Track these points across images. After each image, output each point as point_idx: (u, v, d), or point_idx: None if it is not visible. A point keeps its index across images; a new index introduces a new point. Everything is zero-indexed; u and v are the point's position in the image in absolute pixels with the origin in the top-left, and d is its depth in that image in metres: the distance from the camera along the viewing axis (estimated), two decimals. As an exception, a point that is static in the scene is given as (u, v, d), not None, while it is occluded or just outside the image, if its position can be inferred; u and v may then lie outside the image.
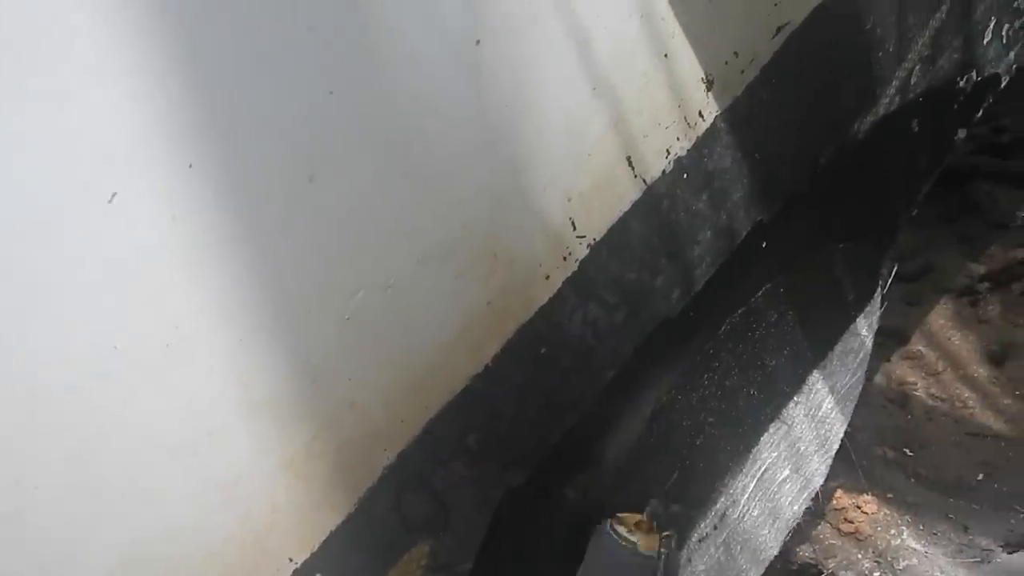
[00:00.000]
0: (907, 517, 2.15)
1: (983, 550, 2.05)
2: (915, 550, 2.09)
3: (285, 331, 0.94)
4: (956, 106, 1.93)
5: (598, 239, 1.20)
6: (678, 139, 1.25)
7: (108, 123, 0.79)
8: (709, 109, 1.28)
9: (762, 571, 1.96)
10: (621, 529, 1.39)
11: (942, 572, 2.01)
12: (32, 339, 0.80)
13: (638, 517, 1.40)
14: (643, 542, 1.37)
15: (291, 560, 1.04)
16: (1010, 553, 2.02)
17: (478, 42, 1.02)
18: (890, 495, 2.24)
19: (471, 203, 1.05)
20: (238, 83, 0.86)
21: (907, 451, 2.42)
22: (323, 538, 1.06)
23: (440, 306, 1.07)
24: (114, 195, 0.81)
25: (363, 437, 1.05)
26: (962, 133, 2.02)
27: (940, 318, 2.93)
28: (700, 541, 1.75)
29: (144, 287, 0.85)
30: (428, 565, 1.18)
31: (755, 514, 1.88)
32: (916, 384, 2.69)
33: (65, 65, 0.76)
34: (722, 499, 1.77)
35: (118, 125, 0.79)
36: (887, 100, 1.66)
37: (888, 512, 2.20)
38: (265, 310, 0.92)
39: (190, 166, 0.84)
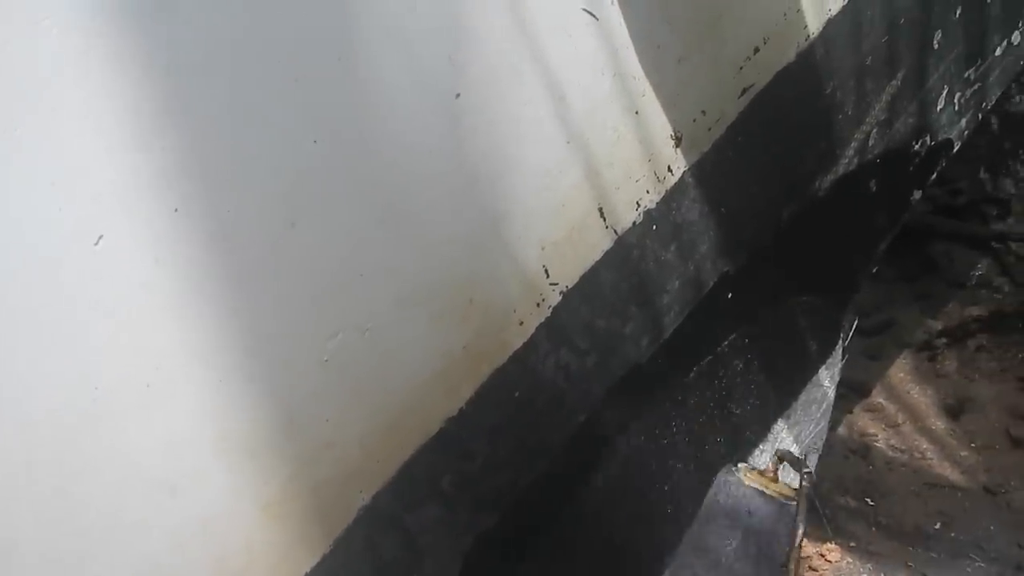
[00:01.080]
0: (868, 565, 2.18)
1: (941, 598, 2.08)
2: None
3: (265, 372, 0.96)
4: (912, 168, 2.02)
5: (570, 286, 1.24)
6: (648, 192, 1.31)
7: (100, 169, 0.81)
8: (678, 164, 1.34)
9: (730, 620, 1.96)
10: (747, 476, 1.33)
11: (902, 619, 2.04)
12: (15, 379, 0.81)
13: (762, 467, 1.35)
14: (773, 488, 1.32)
15: (264, 603, 1.04)
16: (967, 601, 2.05)
17: (458, 95, 1.07)
18: (852, 543, 2.27)
19: (449, 249, 1.09)
20: (226, 131, 0.89)
21: (868, 500, 2.46)
22: (298, 580, 1.06)
23: (417, 349, 1.09)
24: (100, 238, 0.83)
25: (339, 478, 1.06)
26: (917, 194, 2.11)
27: (900, 372, 3.00)
28: (668, 588, 1.76)
29: (127, 329, 0.86)
30: (400, 609, 1.19)
31: (721, 562, 1.89)
32: (877, 436, 2.75)
33: (59, 114, 0.79)
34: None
35: (109, 171, 0.82)
36: (846, 161, 1.74)
37: (851, 560, 2.23)
38: (245, 352, 0.94)
39: (176, 210, 0.87)
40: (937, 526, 2.35)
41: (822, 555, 2.27)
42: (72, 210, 0.81)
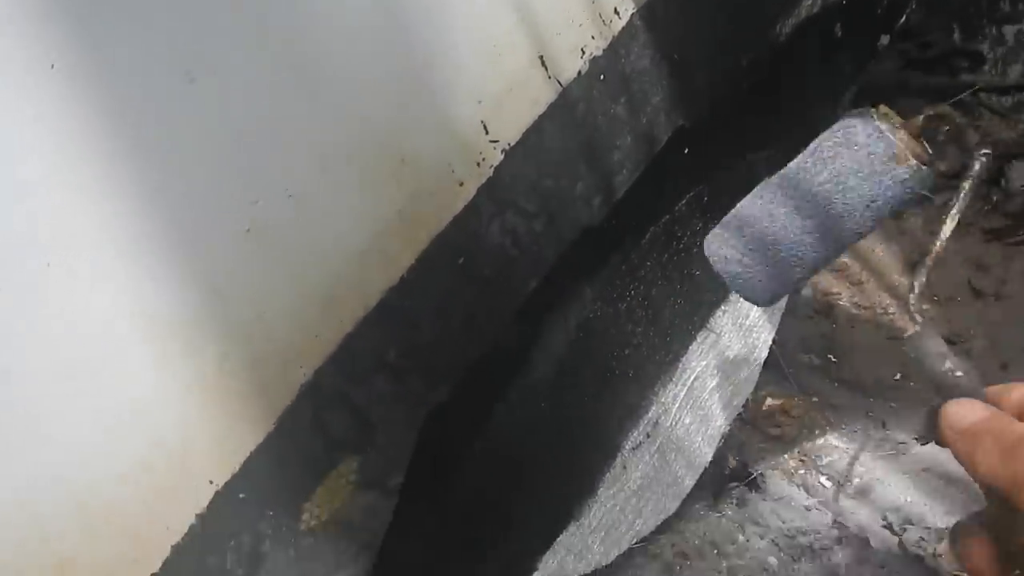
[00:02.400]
0: (830, 418, 2.23)
1: (898, 443, 2.14)
2: (837, 447, 2.17)
3: (178, 245, 0.89)
4: (879, 11, 1.93)
5: (513, 144, 1.16)
6: (593, 38, 1.21)
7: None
8: (624, 6, 1.24)
9: (696, 477, 2.01)
10: (882, 117, 1.01)
11: (861, 465, 2.10)
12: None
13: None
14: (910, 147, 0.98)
15: (211, 482, 1.01)
16: (923, 444, 2.10)
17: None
18: (815, 399, 2.31)
19: (372, 101, 1.00)
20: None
21: (831, 357, 2.49)
22: (243, 459, 1.03)
23: (348, 215, 1.02)
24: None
25: (276, 354, 1.01)
26: (885, 39, 2.03)
27: (864, 230, 2.98)
28: (634, 449, 1.78)
29: (8, 201, 0.78)
30: (357, 481, 1.17)
31: (687, 422, 1.91)
32: (840, 294, 2.76)
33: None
34: (653, 408, 1.79)
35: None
36: (809, 2, 1.64)
37: (813, 415, 2.27)
38: (153, 223, 0.87)
39: (52, 67, 0.77)
40: (897, 377, 2.39)
41: (785, 411, 2.31)
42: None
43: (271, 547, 1.08)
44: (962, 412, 0.63)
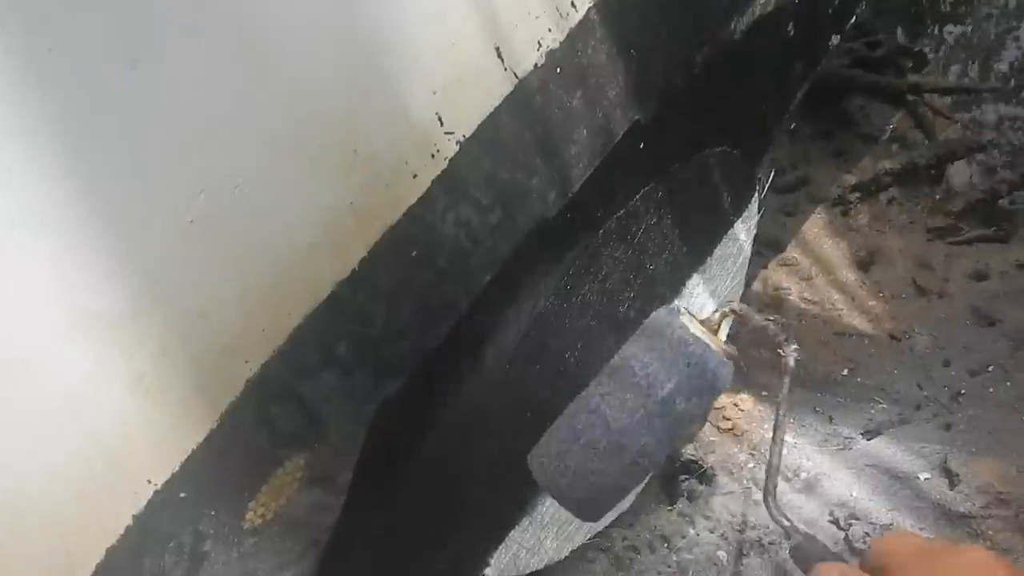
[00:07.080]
0: (779, 411, 2.25)
1: (845, 438, 2.18)
2: (785, 442, 2.20)
3: (117, 238, 0.85)
4: (830, 10, 1.95)
5: (468, 136, 1.14)
6: (550, 30, 1.19)
7: None
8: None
9: (652, 472, 2.01)
10: (691, 321, 1.15)
11: (809, 460, 2.13)
12: None
13: (704, 317, 1.18)
14: (715, 341, 1.15)
15: (150, 482, 0.97)
16: (868, 440, 2.16)
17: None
18: (764, 392, 2.34)
19: (323, 89, 0.97)
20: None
21: (780, 352, 2.52)
22: (184, 457, 0.99)
23: (297, 207, 0.99)
24: None
25: (220, 349, 0.98)
26: (836, 39, 2.05)
27: (814, 227, 3.05)
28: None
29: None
30: (305, 478, 1.14)
31: (639, 417, 1.90)
32: (790, 289, 2.81)
33: None
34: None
35: None
36: (763, 1, 1.64)
37: (762, 409, 2.30)
38: (91, 216, 0.83)
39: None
40: (844, 372, 2.44)
41: (736, 405, 2.33)
42: None
43: (212, 547, 1.05)
44: None
